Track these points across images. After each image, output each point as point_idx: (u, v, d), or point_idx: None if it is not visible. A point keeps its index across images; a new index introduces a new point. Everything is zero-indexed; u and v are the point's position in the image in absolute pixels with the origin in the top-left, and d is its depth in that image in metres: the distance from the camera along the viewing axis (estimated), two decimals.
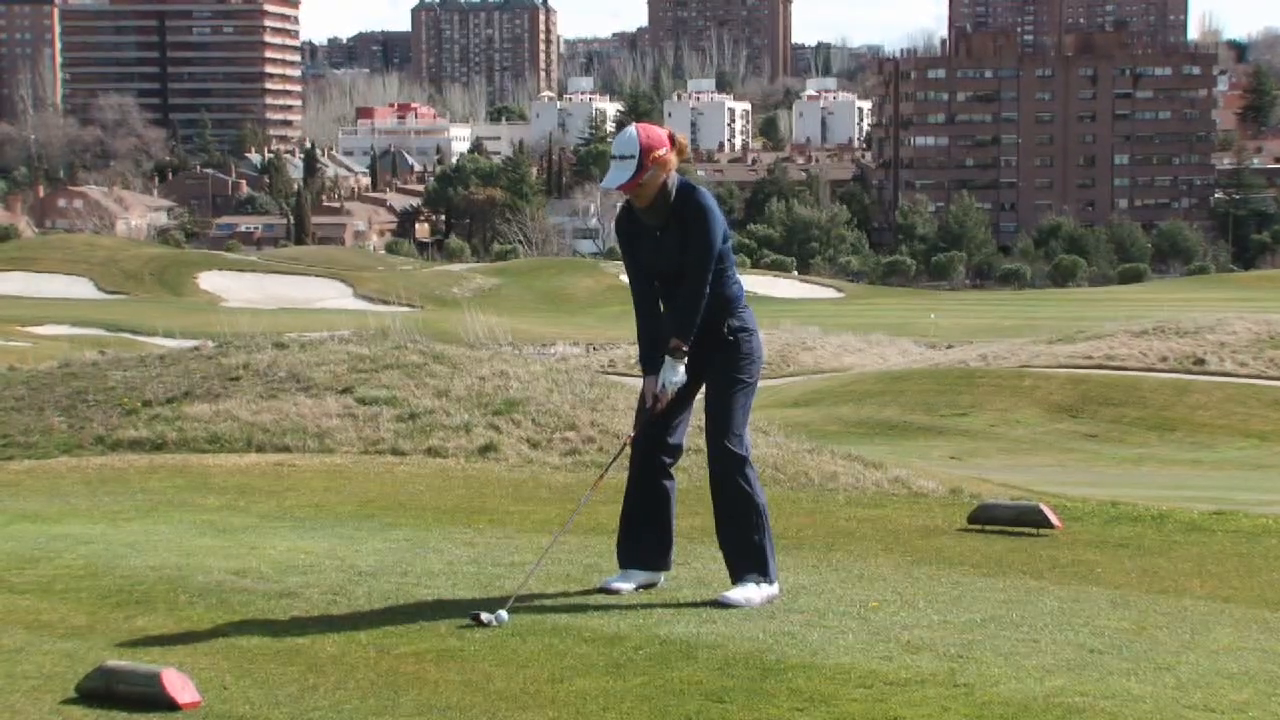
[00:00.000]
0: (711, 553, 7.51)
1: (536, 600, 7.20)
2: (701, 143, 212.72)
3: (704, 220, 7.31)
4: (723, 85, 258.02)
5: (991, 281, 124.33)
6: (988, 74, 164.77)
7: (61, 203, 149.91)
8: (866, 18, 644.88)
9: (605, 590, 7.38)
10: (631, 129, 7.32)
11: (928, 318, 70.99)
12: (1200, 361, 39.32)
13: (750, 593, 7.18)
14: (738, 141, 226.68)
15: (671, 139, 7.35)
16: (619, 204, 7.53)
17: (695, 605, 7.13)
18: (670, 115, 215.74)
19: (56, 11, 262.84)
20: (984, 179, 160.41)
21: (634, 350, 7.20)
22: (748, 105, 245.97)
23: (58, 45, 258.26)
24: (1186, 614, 7.08)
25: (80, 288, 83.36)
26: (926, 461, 25.11)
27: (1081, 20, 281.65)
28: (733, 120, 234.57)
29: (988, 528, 9.12)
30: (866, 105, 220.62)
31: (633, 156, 7.23)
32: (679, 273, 7.31)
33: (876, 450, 21.47)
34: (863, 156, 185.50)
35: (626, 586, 7.39)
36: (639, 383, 7.63)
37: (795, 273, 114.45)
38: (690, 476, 10.25)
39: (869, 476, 13.63)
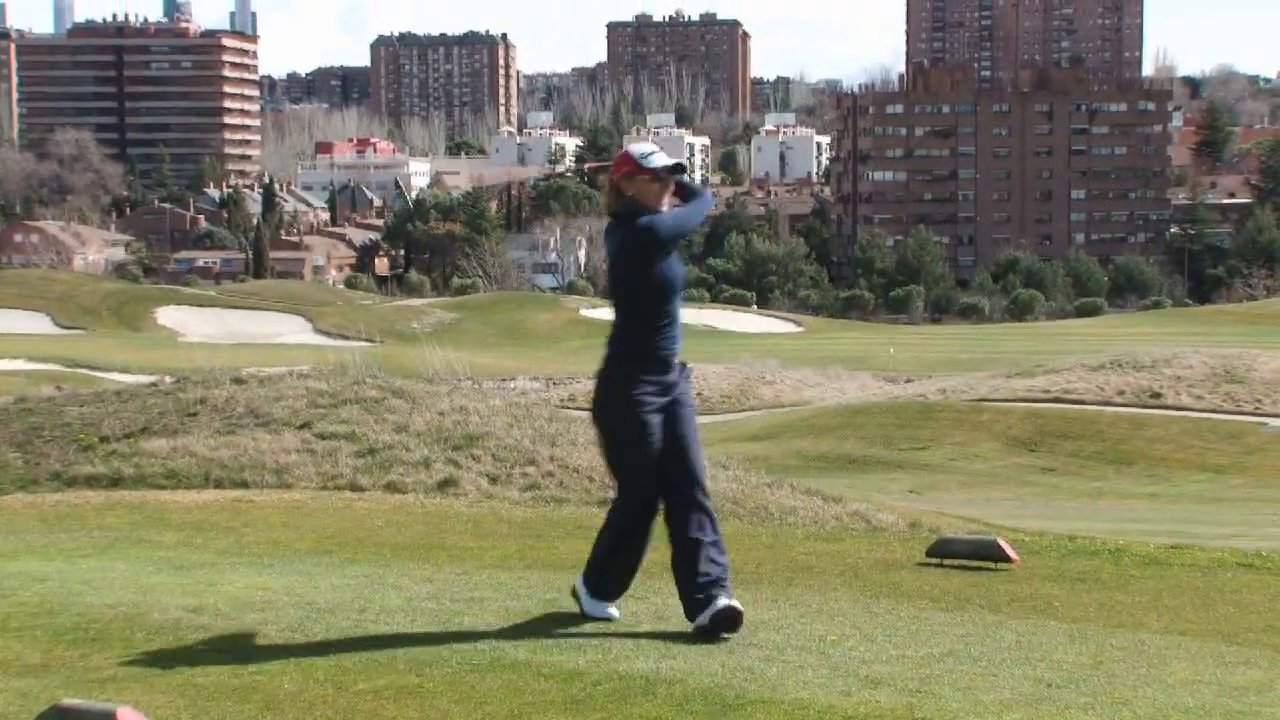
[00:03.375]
0: (670, 587, 7.50)
1: (494, 635, 7.18)
2: None
3: None
4: (682, 120, 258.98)
5: (950, 315, 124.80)
6: (945, 109, 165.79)
7: (18, 238, 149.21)
8: (825, 53, 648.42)
9: (602, 619, 7.41)
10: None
11: (886, 351, 71.17)
12: (1157, 395, 39.53)
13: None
14: (697, 176, 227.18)
15: None
16: (644, 222, 7.30)
17: (653, 638, 7.12)
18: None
19: (13, 46, 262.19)
20: (942, 213, 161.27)
21: (590, 385, 7.21)
22: (707, 140, 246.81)
23: (14, 79, 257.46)
24: (1144, 648, 7.10)
25: (37, 323, 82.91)
26: (885, 495, 25.17)
27: (1038, 56, 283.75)
28: (692, 154, 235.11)
29: (946, 562, 9.14)
30: (825, 140, 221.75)
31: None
32: (680, 288, 7.40)
33: (836, 484, 21.50)
34: (821, 191, 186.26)
35: (617, 612, 7.48)
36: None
37: (754, 307, 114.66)
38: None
39: (828, 510, 13.65)
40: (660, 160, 7.37)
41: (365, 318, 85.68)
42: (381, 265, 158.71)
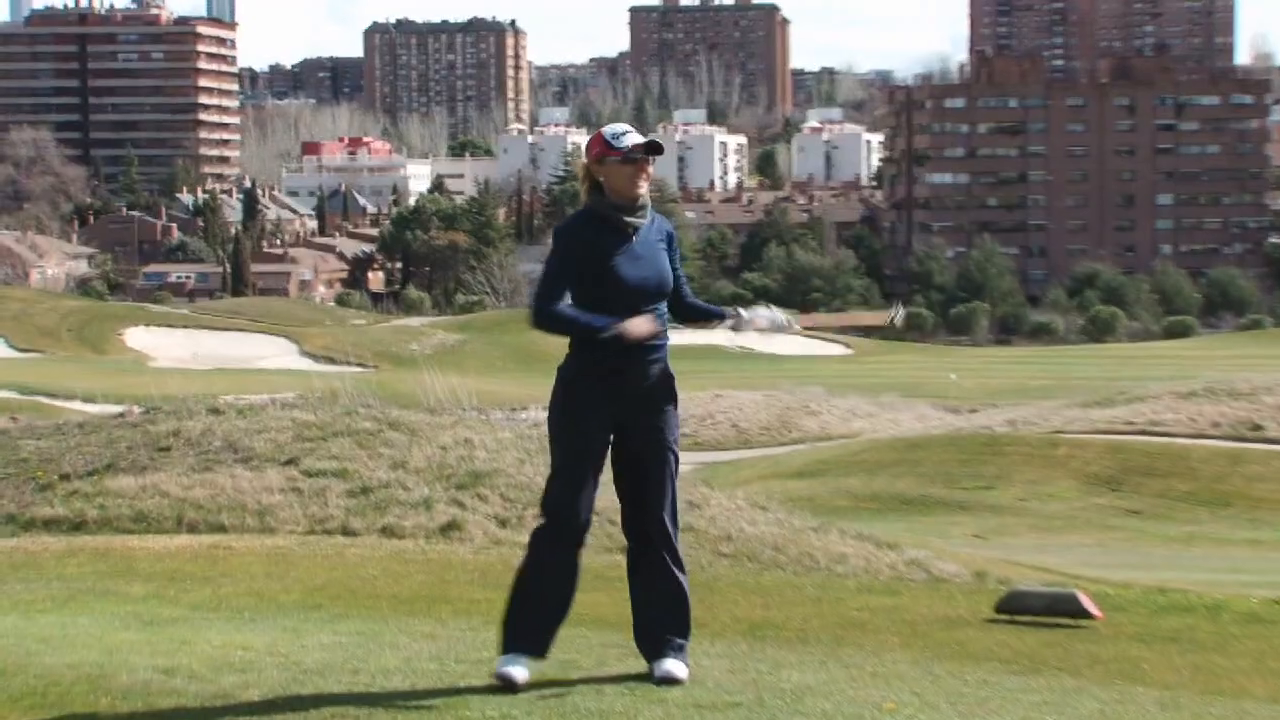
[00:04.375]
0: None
1: (503, 701, 7.14)
2: (690, 180, 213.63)
3: (675, 235, 7.63)
4: (714, 116, 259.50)
5: (1019, 336, 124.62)
6: (1012, 103, 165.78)
7: None
8: (875, 40, 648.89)
9: (501, 679, 7.34)
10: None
11: (947, 377, 71.11)
12: (1257, 428, 39.37)
13: (684, 661, 7.36)
14: (731, 179, 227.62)
15: None
16: (573, 210, 7.61)
17: (691, 703, 7.07)
18: None
19: None
20: (1009, 221, 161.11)
21: None
22: (742, 138, 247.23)
23: None
24: (1246, 719, 7.05)
25: None
26: (947, 541, 25.10)
27: (1117, 44, 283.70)
28: (725, 155, 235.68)
29: (1018, 618, 9.09)
30: (876, 138, 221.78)
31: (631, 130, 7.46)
32: (653, 291, 7.37)
33: (890, 528, 21.46)
34: (872, 195, 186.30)
35: (523, 673, 7.37)
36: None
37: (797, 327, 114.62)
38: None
39: (882, 558, 13.61)
40: (632, 139, 7.41)
41: (357, 339, 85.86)
42: (376, 280, 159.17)
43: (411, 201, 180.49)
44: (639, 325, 7.30)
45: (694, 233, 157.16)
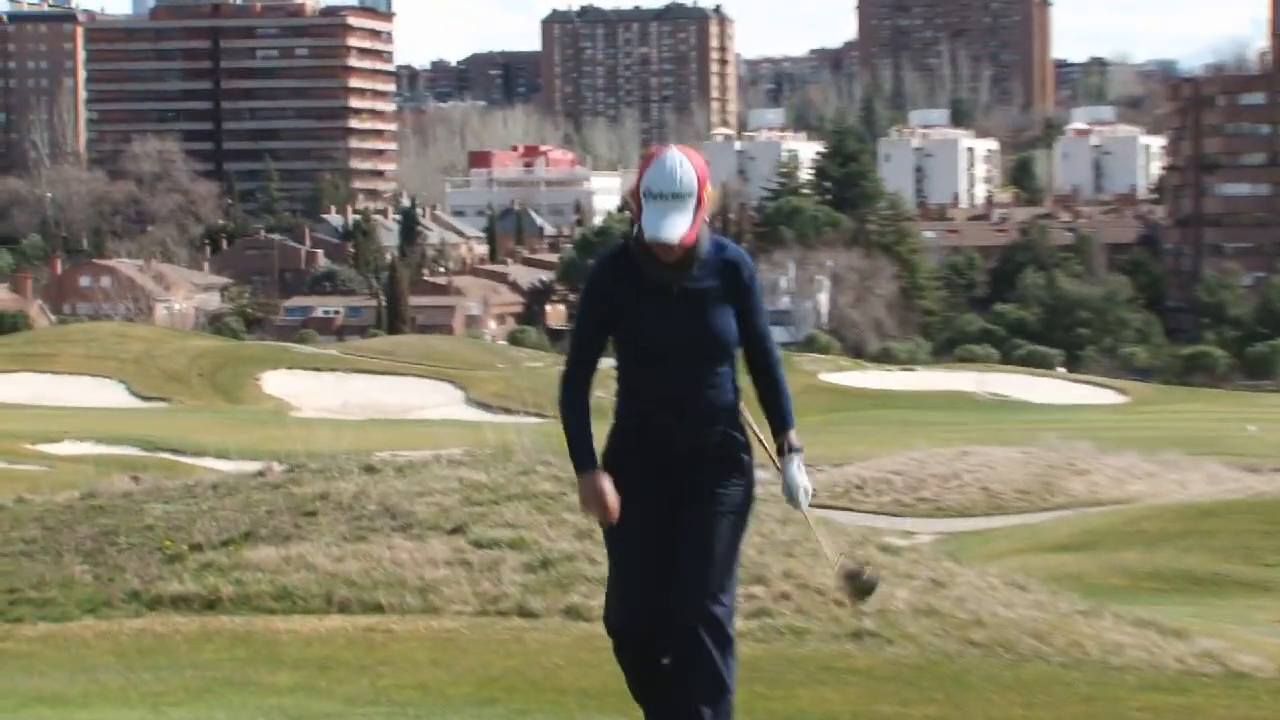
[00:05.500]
0: None
1: None
2: (930, 194, 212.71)
3: (757, 277, 7.52)
4: (959, 117, 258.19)
5: None
6: None
7: (84, 281, 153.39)
8: (1155, 25, 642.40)
9: None
10: (674, 154, 7.37)
11: (1244, 430, 69.92)
12: None
13: None
14: (979, 192, 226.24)
15: None
16: (606, 254, 7.58)
17: None
18: (888, 158, 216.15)
19: (81, 30, 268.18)
20: None
21: (848, 473, 7.12)
22: (993, 143, 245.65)
23: (81, 75, 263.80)
24: None
25: (108, 393, 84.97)
26: (1249, 629, 24.65)
27: None
28: (972, 164, 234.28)
29: None
30: (1156, 142, 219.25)
31: (690, 194, 7.31)
32: (691, 349, 7.32)
33: (1177, 613, 21.10)
34: (1151, 211, 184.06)
35: None
36: (846, 516, 7.64)
37: (1060, 369, 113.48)
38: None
39: (1168, 649, 13.40)
40: (661, 185, 7.28)
41: (535, 384, 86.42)
42: (555, 315, 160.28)
43: (597, 221, 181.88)
44: (596, 496, 7.23)
45: (934, 257, 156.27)
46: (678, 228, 7.21)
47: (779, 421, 7.46)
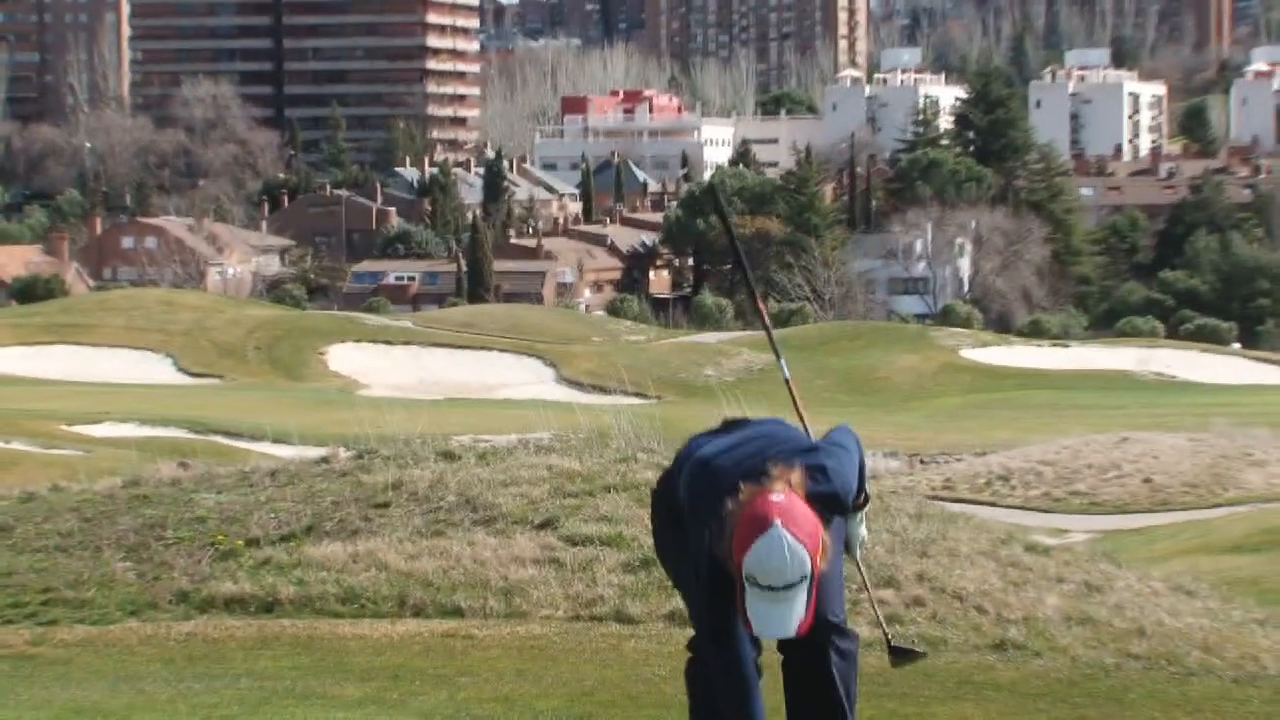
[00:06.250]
0: None
1: None
2: (1088, 145, 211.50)
3: None
4: (1122, 58, 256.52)
5: None
6: None
7: (127, 242, 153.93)
8: None
9: None
10: (779, 534, 7.32)
11: None
12: None
13: None
14: (1144, 143, 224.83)
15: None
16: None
17: None
18: (1039, 104, 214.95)
19: None
20: None
21: (992, 462, 7.08)
22: (1161, 88, 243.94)
23: (125, 10, 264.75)
24: None
25: (154, 368, 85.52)
26: None
27: None
28: (1136, 111, 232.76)
29: None
30: None
31: (805, 576, 7.39)
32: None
33: None
34: None
35: None
36: (988, 512, 7.65)
37: (1236, 345, 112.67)
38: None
39: None
40: (770, 578, 7.37)
41: (635, 361, 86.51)
42: (660, 282, 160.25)
43: (707, 175, 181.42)
44: None
45: (1091, 217, 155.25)
46: (793, 620, 7.37)
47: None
